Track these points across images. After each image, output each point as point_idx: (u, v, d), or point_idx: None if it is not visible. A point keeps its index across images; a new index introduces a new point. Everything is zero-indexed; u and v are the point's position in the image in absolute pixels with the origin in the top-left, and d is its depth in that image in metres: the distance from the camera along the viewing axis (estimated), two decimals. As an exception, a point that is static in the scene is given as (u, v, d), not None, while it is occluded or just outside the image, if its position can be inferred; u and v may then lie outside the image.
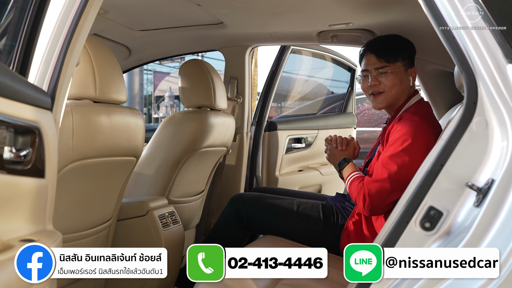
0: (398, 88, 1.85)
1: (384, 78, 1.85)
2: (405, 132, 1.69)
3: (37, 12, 1.20)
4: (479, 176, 0.98)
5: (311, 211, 1.95)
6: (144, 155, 2.21)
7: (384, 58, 1.86)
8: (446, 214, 0.99)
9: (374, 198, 1.68)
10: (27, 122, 0.94)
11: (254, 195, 2.04)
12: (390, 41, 1.92)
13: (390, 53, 1.86)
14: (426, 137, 1.68)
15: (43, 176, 1.01)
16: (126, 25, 2.42)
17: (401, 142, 1.68)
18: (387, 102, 1.87)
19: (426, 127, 1.70)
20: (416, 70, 1.90)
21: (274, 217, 1.96)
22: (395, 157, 1.67)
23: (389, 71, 1.85)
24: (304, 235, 1.94)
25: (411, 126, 1.70)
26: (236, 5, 2.05)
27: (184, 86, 2.24)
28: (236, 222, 2.00)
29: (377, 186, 1.68)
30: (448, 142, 1.00)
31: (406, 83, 1.87)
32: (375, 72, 1.87)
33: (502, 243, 0.91)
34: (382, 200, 1.67)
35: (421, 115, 1.75)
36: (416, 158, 1.64)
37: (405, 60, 1.87)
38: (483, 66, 0.98)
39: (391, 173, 1.66)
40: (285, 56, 2.91)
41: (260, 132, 2.90)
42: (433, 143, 1.66)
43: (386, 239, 1.03)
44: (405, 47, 1.90)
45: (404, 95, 1.88)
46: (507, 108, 0.95)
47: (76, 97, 1.49)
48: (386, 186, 1.66)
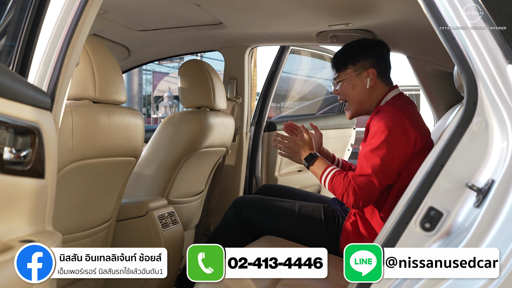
0: (354, 94, 1.91)
1: (340, 87, 1.94)
2: (382, 124, 1.72)
3: (36, 12, 1.20)
4: (479, 177, 0.98)
5: (313, 213, 1.95)
6: (143, 155, 2.21)
7: (336, 68, 1.96)
8: (446, 214, 0.99)
9: (364, 192, 1.71)
10: (26, 123, 0.93)
11: (256, 197, 2.04)
12: (343, 51, 1.98)
13: (338, 63, 1.95)
14: (402, 126, 1.72)
15: (43, 176, 1.00)
16: (125, 25, 2.42)
17: (379, 135, 1.72)
18: (352, 110, 1.95)
19: (401, 116, 1.74)
20: (373, 71, 1.89)
21: (276, 220, 1.96)
22: (376, 150, 1.71)
23: (341, 80, 1.93)
24: (305, 237, 1.94)
25: (387, 117, 1.74)
26: (235, 5, 2.05)
27: (183, 86, 2.24)
28: (238, 225, 2.00)
29: (363, 180, 1.71)
30: (448, 142, 1.00)
31: (360, 87, 1.90)
32: (335, 82, 1.97)
33: (502, 243, 0.91)
34: (372, 193, 1.71)
35: (396, 106, 1.79)
36: (395, 148, 1.71)
37: (356, 65, 1.91)
38: (483, 67, 0.98)
39: (374, 167, 1.70)
40: (285, 56, 2.91)
41: (260, 132, 2.90)
42: (411, 131, 1.72)
43: (386, 240, 1.03)
44: (353, 53, 1.93)
45: (365, 97, 1.91)
46: (507, 108, 0.95)
47: (75, 97, 1.49)
48: (372, 179, 1.70)
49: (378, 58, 1.91)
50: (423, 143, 1.77)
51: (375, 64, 1.90)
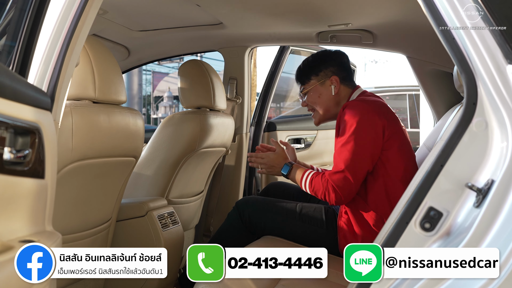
0: (320, 102, 2.02)
1: (307, 98, 2.05)
2: (349, 119, 1.81)
3: (36, 12, 1.19)
4: (479, 177, 0.98)
5: (314, 214, 1.95)
6: (143, 155, 2.21)
7: (300, 82, 2.08)
8: (446, 214, 0.99)
9: (341, 188, 1.78)
10: (26, 123, 0.93)
11: (258, 199, 2.05)
12: (304, 65, 2.09)
13: (302, 76, 2.07)
14: (368, 117, 1.80)
15: (43, 176, 1.00)
16: (125, 25, 2.42)
17: (347, 130, 1.80)
18: (319, 117, 2.06)
19: (365, 107, 1.82)
20: (336, 78, 1.99)
21: (277, 221, 1.97)
22: (345, 145, 1.79)
23: (306, 91, 2.04)
24: (306, 238, 1.95)
25: (352, 112, 1.82)
26: (235, 5, 2.05)
27: (183, 86, 2.24)
28: (240, 226, 2.00)
29: (339, 176, 1.78)
30: (448, 142, 1.00)
31: (326, 94, 2.01)
32: (302, 95, 2.08)
33: (502, 243, 0.91)
34: (349, 188, 1.78)
35: (360, 100, 1.89)
36: (364, 140, 1.78)
37: (319, 75, 2.01)
38: (482, 67, 0.98)
39: (346, 161, 1.78)
40: (284, 57, 2.91)
41: (259, 133, 2.90)
42: (377, 120, 1.80)
43: (386, 240, 1.03)
44: (313, 66, 2.05)
45: (332, 103, 2.02)
46: (507, 108, 0.95)
47: (75, 97, 1.49)
48: (346, 174, 1.77)
49: (338, 65, 2.01)
50: (392, 130, 1.84)
51: (337, 72, 2.01)
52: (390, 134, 1.83)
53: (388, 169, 1.82)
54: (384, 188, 1.82)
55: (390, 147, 1.83)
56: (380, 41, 2.39)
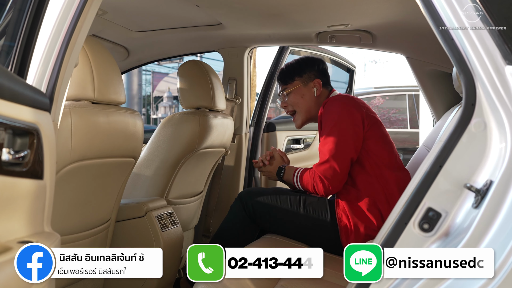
0: (303, 102, 2.11)
1: (288, 98, 2.13)
2: (329, 113, 1.94)
3: (35, 13, 1.20)
4: (477, 178, 0.98)
5: (318, 204, 1.98)
6: (142, 156, 2.21)
7: (282, 81, 2.16)
8: (445, 215, 0.99)
9: (329, 178, 1.88)
10: (25, 124, 0.93)
11: (262, 190, 2.09)
12: (288, 67, 2.19)
13: (285, 77, 2.15)
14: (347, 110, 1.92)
15: (42, 177, 1.00)
16: (124, 26, 2.42)
17: (329, 123, 1.91)
18: (301, 119, 2.15)
19: (343, 102, 1.95)
20: (319, 81, 2.10)
21: (282, 211, 1.99)
22: (329, 137, 1.89)
23: (289, 91, 2.12)
24: (310, 228, 1.96)
25: (332, 107, 1.96)
26: (234, 6, 2.05)
27: (182, 87, 2.24)
28: (244, 217, 2.03)
29: (325, 167, 1.88)
30: (447, 143, 1.00)
31: (309, 96, 2.11)
32: (282, 95, 2.16)
33: (501, 244, 0.91)
34: (336, 177, 1.88)
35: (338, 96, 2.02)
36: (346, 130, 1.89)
37: (303, 77, 2.11)
38: (481, 68, 0.98)
39: (331, 151, 1.87)
40: (284, 57, 2.91)
41: (259, 133, 2.90)
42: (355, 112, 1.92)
43: (385, 240, 1.03)
44: (298, 67, 2.15)
45: (312, 104, 2.12)
46: (506, 109, 0.95)
47: (74, 98, 1.49)
48: (332, 164, 1.87)
49: (320, 71, 2.12)
50: (371, 121, 1.96)
51: (319, 76, 2.11)
52: (370, 124, 1.94)
53: (372, 156, 1.92)
54: (372, 174, 1.92)
55: (371, 137, 1.94)
56: (379, 41, 2.39)
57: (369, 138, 1.93)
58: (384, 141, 1.98)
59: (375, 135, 1.95)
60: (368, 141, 1.93)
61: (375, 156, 1.93)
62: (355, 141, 1.90)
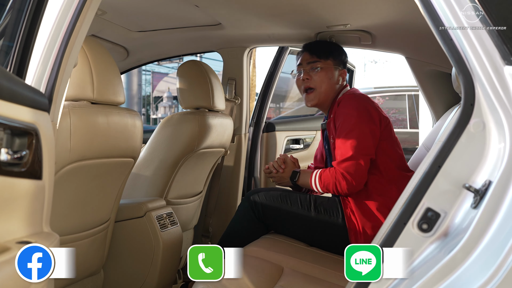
0: (327, 85, 2.05)
1: (314, 74, 2.05)
2: (348, 110, 1.90)
3: (34, 13, 1.19)
4: (476, 178, 0.98)
5: (329, 204, 1.96)
6: (142, 156, 2.21)
7: (316, 54, 2.06)
8: (444, 215, 0.99)
9: (353, 174, 1.83)
10: (24, 124, 0.93)
11: (269, 190, 2.06)
12: (325, 43, 2.17)
13: (322, 51, 2.07)
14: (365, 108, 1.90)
15: (40, 177, 1.00)
16: (124, 26, 2.41)
17: (349, 119, 1.87)
18: (318, 99, 2.06)
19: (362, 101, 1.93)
20: (345, 72, 2.09)
21: (292, 212, 1.97)
22: (350, 133, 1.85)
23: (319, 67, 2.04)
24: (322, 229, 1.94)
25: (351, 103, 1.91)
26: (233, 6, 2.05)
27: (182, 87, 2.24)
28: (252, 217, 2.01)
29: (348, 163, 1.84)
30: (446, 143, 1.00)
31: (334, 81, 2.06)
32: (308, 67, 2.07)
33: (500, 244, 0.91)
34: (361, 173, 1.84)
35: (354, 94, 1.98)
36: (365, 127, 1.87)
37: (336, 60, 2.08)
38: (480, 68, 0.98)
39: (354, 148, 1.83)
40: (283, 57, 2.91)
41: (258, 133, 2.90)
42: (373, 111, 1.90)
43: (384, 241, 1.03)
44: (338, 50, 2.12)
45: (333, 92, 2.07)
46: (504, 109, 0.95)
47: (73, 98, 1.49)
48: (357, 160, 1.83)
49: (345, 64, 2.13)
50: (386, 121, 1.95)
51: (344, 67, 2.11)
52: (385, 124, 1.93)
53: (385, 157, 1.91)
54: (385, 174, 1.90)
55: (385, 138, 1.92)
56: (379, 41, 2.39)
57: (384, 138, 1.92)
58: (396, 142, 1.98)
59: (388, 136, 1.95)
60: (382, 142, 1.92)
61: (388, 157, 1.92)
62: (374, 140, 1.88)
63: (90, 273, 1.77)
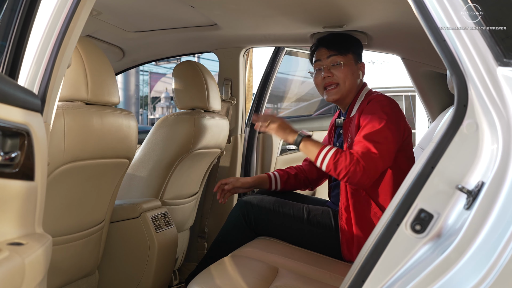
0: (351, 80, 1.95)
1: (336, 70, 1.94)
2: (380, 111, 1.79)
3: (27, 12, 1.19)
4: (469, 179, 0.98)
5: (322, 217, 1.93)
6: (137, 156, 2.20)
7: (335, 49, 1.95)
8: (437, 216, 0.99)
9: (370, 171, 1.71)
10: (15, 125, 0.93)
11: (263, 200, 1.99)
12: (340, 35, 2.04)
13: (341, 45, 1.97)
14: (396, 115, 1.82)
15: (33, 178, 1.00)
16: (119, 26, 2.41)
17: (379, 120, 1.76)
18: (341, 94, 1.96)
19: (394, 105, 1.84)
20: (364, 65, 2.00)
21: (285, 224, 1.94)
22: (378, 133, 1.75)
23: (341, 62, 1.94)
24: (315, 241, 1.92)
25: (383, 105, 1.81)
26: (229, 6, 2.05)
27: (177, 87, 2.24)
28: (244, 226, 1.97)
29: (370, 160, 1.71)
30: (439, 144, 1.00)
31: (356, 76, 1.98)
32: (328, 64, 1.95)
33: (492, 245, 0.91)
34: (375, 173, 1.74)
35: (385, 96, 1.88)
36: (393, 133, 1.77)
37: (355, 54, 1.98)
38: (473, 69, 0.98)
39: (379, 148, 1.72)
40: (279, 58, 2.91)
41: (254, 134, 2.89)
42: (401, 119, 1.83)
43: (377, 242, 1.03)
44: (354, 42, 2.02)
45: (355, 87, 1.98)
46: (497, 111, 0.95)
47: (68, 99, 1.49)
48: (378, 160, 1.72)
49: (361, 55, 2.03)
50: (408, 132, 1.87)
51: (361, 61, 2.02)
52: (407, 134, 1.86)
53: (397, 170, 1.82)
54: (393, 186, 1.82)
55: (404, 149, 1.85)
56: (374, 42, 2.39)
57: (403, 150, 1.84)
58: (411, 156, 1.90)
59: (407, 148, 1.87)
60: (400, 153, 1.83)
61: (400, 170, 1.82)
62: (395, 146, 1.79)
63: (85, 274, 1.77)
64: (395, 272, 1.01)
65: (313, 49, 2.06)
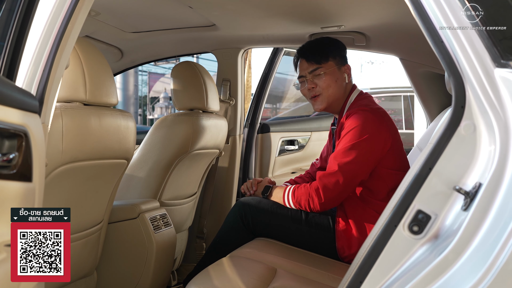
0: (334, 88, 1.94)
1: (319, 80, 1.93)
2: (357, 126, 1.78)
3: (25, 13, 1.19)
4: (467, 180, 0.98)
5: (320, 218, 1.93)
6: (136, 157, 2.20)
7: (314, 60, 1.94)
8: (434, 217, 0.99)
9: (328, 190, 1.77)
10: (13, 126, 0.93)
11: (260, 200, 2.00)
12: (318, 44, 2.00)
13: (319, 55, 1.94)
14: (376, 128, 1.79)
15: (30, 179, 1.00)
16: (118, 27, 2.41)
17: (354, 137, 1.77)
18: (326, 103, 1.96)
19: (373, 118, 1.80)
20: (349, 67, 1.97)
21: (283, 225, 1.94)
22: (348, 151, 1.76)
23: (322, 72, 1.92)
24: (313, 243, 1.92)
25: (361, 119, 1.79)
26: (227, 7, 2.05)
27: (176, 88, 2.24)
28: (242, 228, 1.97)
29: (330, 179, 1.77)
30: (436, 145, 1.00)
31: (341, 81, 1.95)
32: (310, 76, 1.95)
33: (490, 246, 0.91)
34: (335, 191, 1.77)
35: (365, 107, 1.84)
36: (368, 153, 1.77)
37: (336, 58, 1.95)
38: (471, 70, 0.98)
39: (341, 165, 1.75)
40: (278, 58, 2.91)
41: (253, 134, 2.90)
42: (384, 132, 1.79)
43: (375, 243, 1.03)
44: (333, 47, 1.98)
45: (342, 92, 1.96)
46: (495, 112, 0.95)
47: (66, 99, 1.49)
48: (338, 178, 1.75)
49: (344, 57, 2.00)
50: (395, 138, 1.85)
51: (346, 61, 1.98)
52: (392, 143, 1.84)
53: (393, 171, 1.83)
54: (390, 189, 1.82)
55: (391, 154, 1.84)
56: (373, 43, 2.40)
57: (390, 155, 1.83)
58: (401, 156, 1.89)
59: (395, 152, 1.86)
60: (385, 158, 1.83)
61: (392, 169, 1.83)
62: (374, 163, 1.80)
63: (83, 275, 1.76)
64: (393, 273, 1.01)
65: (295, 61, 2.06)
